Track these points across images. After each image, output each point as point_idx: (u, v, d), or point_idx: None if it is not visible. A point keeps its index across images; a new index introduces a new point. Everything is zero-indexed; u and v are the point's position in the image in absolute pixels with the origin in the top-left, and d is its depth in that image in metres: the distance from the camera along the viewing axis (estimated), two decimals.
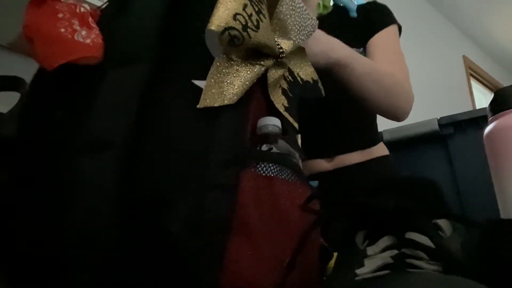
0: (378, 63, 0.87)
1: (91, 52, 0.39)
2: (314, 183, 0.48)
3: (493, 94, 0.55)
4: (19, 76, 0.58)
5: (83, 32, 0.39)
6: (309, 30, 0.51)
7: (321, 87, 0.54)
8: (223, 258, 0.34)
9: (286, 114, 0.45)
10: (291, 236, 0.37)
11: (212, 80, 0.39)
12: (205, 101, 0.38)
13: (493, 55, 4.70)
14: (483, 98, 4.21)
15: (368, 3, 1.02)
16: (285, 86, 0.47)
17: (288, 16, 0.48)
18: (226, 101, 0.38)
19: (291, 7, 0.49)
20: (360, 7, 1.00)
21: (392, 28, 0.96)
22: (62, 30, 0.39)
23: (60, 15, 0.40)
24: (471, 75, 4.15)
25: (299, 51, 0.52)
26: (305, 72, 0.52)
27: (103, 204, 0.34)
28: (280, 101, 0.45)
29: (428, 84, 3.21)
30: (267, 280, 0.35)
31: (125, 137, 0.36)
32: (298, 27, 0.49)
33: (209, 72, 0.39)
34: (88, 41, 0.39)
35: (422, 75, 3.10)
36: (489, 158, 0.53)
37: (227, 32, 0.38)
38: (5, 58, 1.41)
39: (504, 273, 0.29)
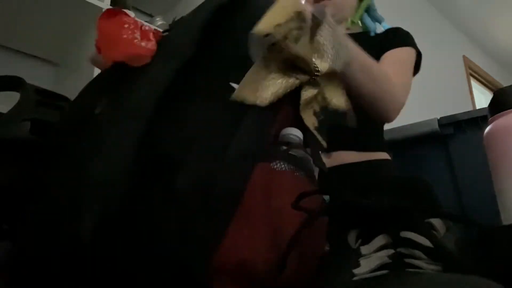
0: None
1: (144, 51, 0.46)
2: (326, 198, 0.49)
3: (493, 94, 0.55)
4: (19, 76, 0.58)
5: (143, 43, 0.47)
6: (343, 60, 0.55)
7: (353, 117, 0.56)
8: (222, 232, 0.36)
9: (315, 133, 0.48)
10: (292, 228, 0.38)
11: (249, 79, 0.42)
12: (239, 94, 0.41)
13: (493, 55, 4.70)
14: (483, 98, 4.21)
15: (392, 28, 1.08)
16: (317, 109, 0.51)
17: (327, 42, 0.52)
18: (258, 101, 0.42)
19: (331, 34, 0.53)
20: (385, 30, 1.08)
21: (409, 49, 1.00)
22: (125, 36, 0.47)
23: (126, 26, 0.48)
24: (471, 75, 4.14)
25: (334, 79, 0.55)
26: (338, 100, 0.55)
27: (123, 158, 0.37)
28: (310, 120, 0.49)
29: (428, 84, 3.21)
30: (260, 259, 0.36)
31: (150, 111, 0.40)
32: (335, 54, 0.53)
33: (248, 71, 0.43)
34: (143, 44, 0.47)
35: (422, 75, 3.10)
36: (489, 158, 0.53)
37: (269, 37, 0.42)
38: (5, 58, 1.41)
39: (503, 273, 0.29)
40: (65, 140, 0.46)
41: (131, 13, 0.51)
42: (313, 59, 0.49)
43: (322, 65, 0.49)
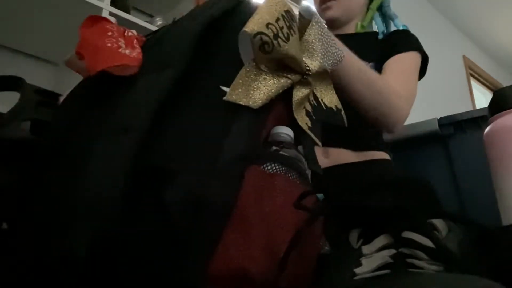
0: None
1: (130, 61, 0.44)
2: (320, 196, 0.49)
3: (493, 94, 0.55)
4: (19, 76, 0.58)
5: (127, 51, 0.46)
6: (334, 58, 0.54)
7: (344, 116, 0.56)
8: (216, 243, 0.35)
9: (309, 132, 0.47)
10: (286, 231, 0.38)
11: (240, 81, 0.41)
12: (231, 96, 0.40)
13: (493, 55, 4.70)
14: (483, 98, 4.21)
15: (397, 30, 1.06)
16: (309, 108, 0.50)
17: (316, 40, 0.51)
18: (250, 103, 0.41)
19: (319, 33, 0.52)
20: (391, 32, 1.06)
21: (413, 54, 0.98)
22: (109, 44, 0.45)
23: (110, 33, 0.47)
24: (471, 75, 4.14)
25: (325, 78, 0.54)
26: (329, 99, 0.54)
27: (115, 173, 0.36)
28: (303, 120, 0.48)
29: (428, 84, 3.20)
30: (255, 266, 0.36)
31: (146, 123, 0.39)
32: (324, 52, 0.52)
33: (239, 73, 0.41)
34: (127, 52, 0.45)
35: None
36: (489, 158, 0.53)
37: (259, 36, 0.40)
38: (5, 58, 1.41)
39: (504, 273, 0.29)
40: (56, 148, 0.45)
41: (112, 19, 0.50)
42: (303, 58, 0.48)
43: (312, 64, 0.49)
